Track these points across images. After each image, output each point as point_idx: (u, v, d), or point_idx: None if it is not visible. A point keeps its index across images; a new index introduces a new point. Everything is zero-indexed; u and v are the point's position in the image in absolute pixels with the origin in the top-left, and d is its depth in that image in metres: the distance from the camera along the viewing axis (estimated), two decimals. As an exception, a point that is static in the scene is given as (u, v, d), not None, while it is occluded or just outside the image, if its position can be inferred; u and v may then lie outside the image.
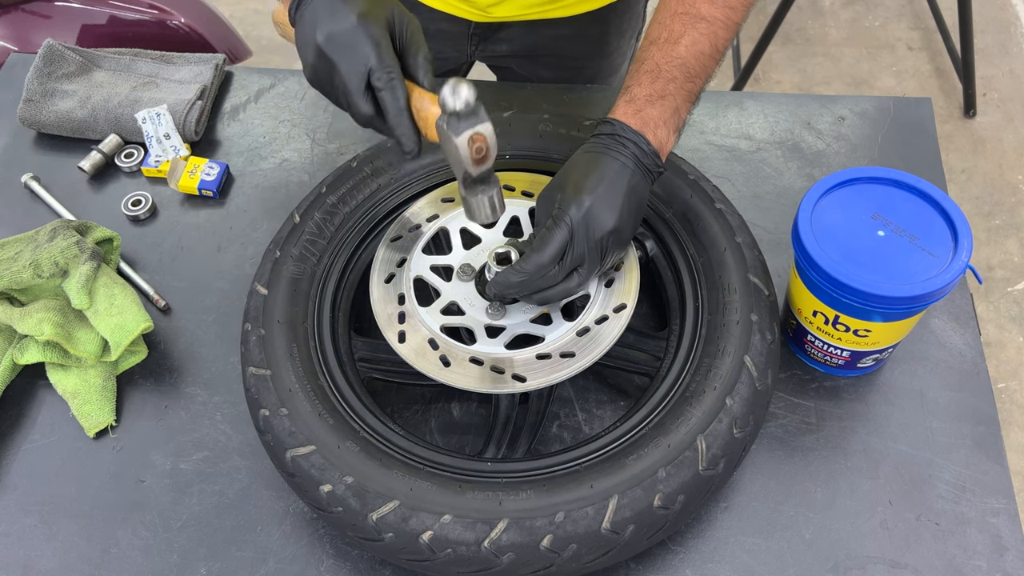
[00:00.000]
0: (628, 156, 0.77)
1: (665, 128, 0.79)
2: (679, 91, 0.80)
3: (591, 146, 0.79)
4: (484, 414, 0.89)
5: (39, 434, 0.89)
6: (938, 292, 0.76)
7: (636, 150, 0.77)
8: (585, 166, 0.78)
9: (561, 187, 0.77)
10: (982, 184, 2.39)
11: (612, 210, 0.75)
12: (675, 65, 0.80)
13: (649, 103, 0.79)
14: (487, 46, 1.26)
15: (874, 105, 1.14)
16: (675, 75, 0.80)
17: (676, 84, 0.80)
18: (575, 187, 0.76)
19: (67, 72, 1.17)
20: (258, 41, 2.83)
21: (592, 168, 0.77)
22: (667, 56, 0.81)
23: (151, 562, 0.81)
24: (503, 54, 1.27)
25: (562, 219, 0.75)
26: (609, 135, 0.78)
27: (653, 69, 0.81)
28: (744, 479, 0.84)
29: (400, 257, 0.86)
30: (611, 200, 0.75)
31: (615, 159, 0.77)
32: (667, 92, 0.80)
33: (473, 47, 1.26)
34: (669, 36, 0.82)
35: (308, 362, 0.80)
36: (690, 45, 0.81)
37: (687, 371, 0.79)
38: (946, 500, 0.82)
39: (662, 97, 0.79)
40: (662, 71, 0.80)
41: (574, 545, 0.69)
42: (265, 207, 1.07)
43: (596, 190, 0.75)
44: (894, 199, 0.81)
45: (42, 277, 0.90)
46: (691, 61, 0.81)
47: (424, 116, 0.71)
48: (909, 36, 2.78)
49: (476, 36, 1.24)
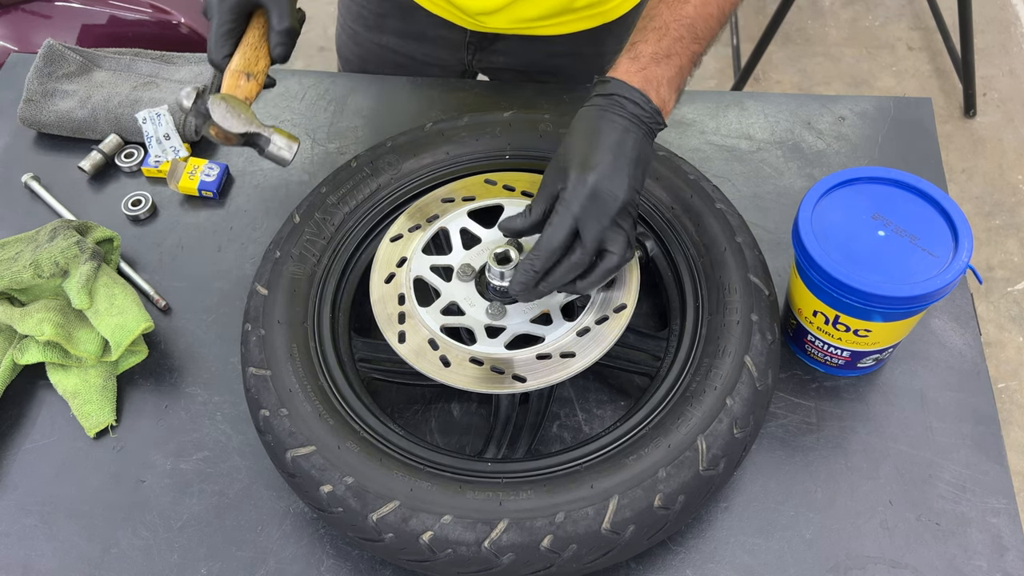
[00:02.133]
0: (628, 116, 0.76)
1: (668, 87, 0.79)
2: (685, 51, 0.80)
3: (589, 108, 0.78)
4: (484, 414, 0.89)
5: (39, 434, 0.89)
6: (938, 292, 0.76)
7: (636, 109, 0.76)
8: (586, 133, 0.76)
9: (565, 162, 0.76)
10: (982, 184, 2.39)
11: (620, 183, 0.74)
12: (683, 25, 0.80)
13: (655, 61, 0.78)
14: (484, 56, 1.26)
15: (874, 105, 1.14)
16: (682, 34, 0.80)
17: (683, 44, 0.80)
18: (579, 163, 0.74)
19: (67, 72, 1.17)
20: (258, 41, 2.83)
21: (593, 135, 0.76)
22: (676, 15, 0.80)
23: (151, 562, 0.81)
24: (500, 66, 1.27)
25: (565, 198, 0.74)
26: (607, 95, 0.77)
27: (661, 27, 0.80)
28: (744, 479, 0.84)
29: (400, 257, 0.86)
30: (617, 173, 0.74)
31: (614, 122, 0.76)
32: (673, 51, 0.79)
33: (470, 56, 1.26)
34: None
35: (308, 362, 0.80)
36: (699, 6, 0.81)
37: (687, 371, 0.79)
38: (946, 500, 0.82)
39: (668, 56, 0.79)
40: (670, 29, 0.80)
41: (574, 545, 0.69)
42: (265, 207, 1.07)
43: (600, 165, 0.74)
44: (894, 199, 0.81)
45: (42, 277, 0.90)
46: (699, 22, 0.81)
47: (226, 79, 0.85)
48: (909, 36, 2.78)
49: (472, 45, 1.24)
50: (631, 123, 0.76)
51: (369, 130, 1.14)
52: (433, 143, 0.95)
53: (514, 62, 1.26)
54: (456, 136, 0.95)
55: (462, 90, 1.17)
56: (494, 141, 0.95)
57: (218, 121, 0.81)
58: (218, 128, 0.82)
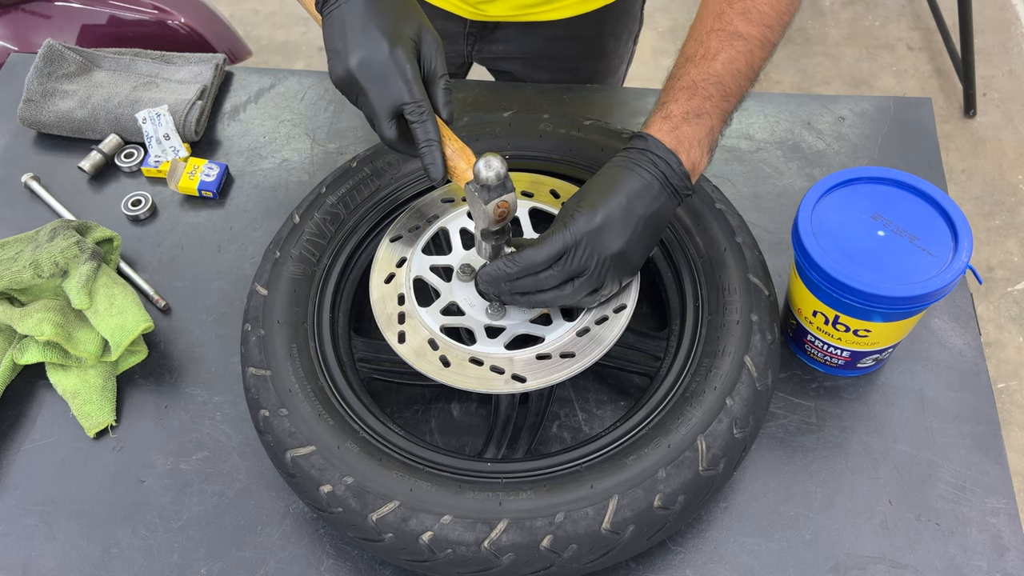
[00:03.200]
0: (655, 175, 0.75)
1: (699, 148, 0.77)
2: (715, 109, 0.78)
3: (621, 159, 0.77)
4: (484, 414, 0.89)
5: (39, 434, 0.89)
6: (938, 292, 0.76)
7: (666, 169, 0.75)
8: (609, 180, 0.76)
9: (581, 196, 0.76)
10: (982, 184, 2.39)
11: (623, 232, 0.74)
12: (712, 83, 0.78)
13: (685, 121, 0.77)
14: (484, 46, 1.26)
15: (874, 105, 1.14)
16: (711, 92, 0.78)
17: (712, 102, 0.78)
18: (591, 200, 0.74)
19: (67, 72, 1.17)
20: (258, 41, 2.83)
21: (615, 183, 0.75)
22: (704, 73, 0.79)
23: (151, 562, 0.81)
24: (499, 55, 1.27)
25: (568, 225, 0.74)
26: (640, 150, 0.76)
27: (690, 86, 0.78)
28: (744, 479, 0.84)
29: (400, 257, 0.86)
30: (625, 222, 0.74)
31: (641, 176, 0.75)
32: (704, 110, 0.77)
33: (470, 47, 1.26)
34: (706, 53, 0.80)
35: (308, 362, 0.80)
36: (727, 63, 0.79)
37: (687, 371, 0.79)
38: (946, 500, 0.82)
39: (698, 116, 0.77)
40: (699, 88, 0.78)
41: (574, 545, 0.69)
42: (265, 207, 1.07)
43: (611, 207, 0.73)
44: (894, 199, 0.81)
45: (42, 277, 0.90)
46: (727, 79, 0.79)
47: (452, 166, 0.76)
48: (909, 36, 2.78)
49: (472, 35, 1.24)
50: (657, 181, 0.75)
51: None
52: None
53: (514, 50, 1.25)
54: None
55: (462, 90, 1.17)
56: (494, 141, 0.95)
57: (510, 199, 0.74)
58: (508, 205, 0.74)
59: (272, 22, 2.89)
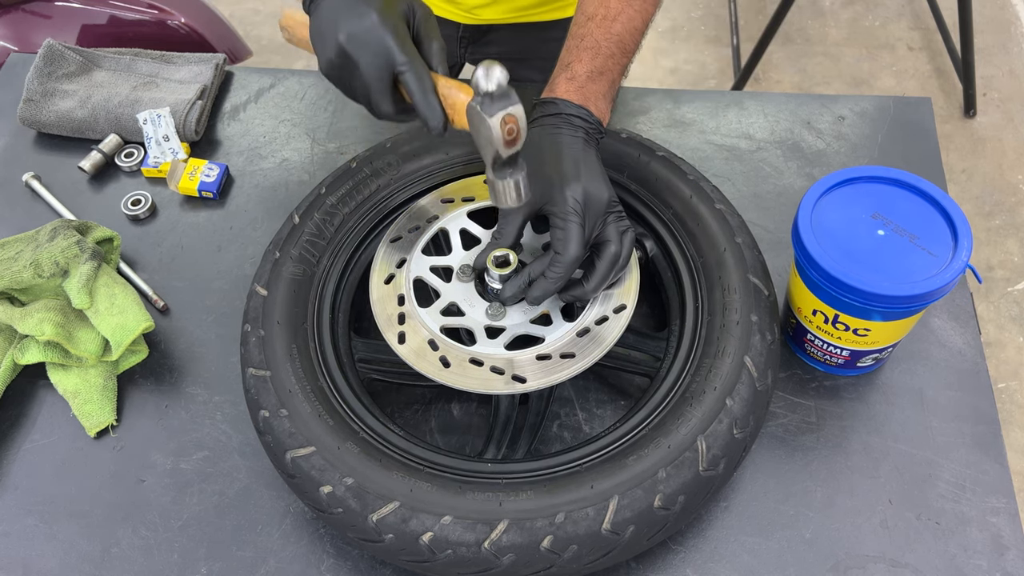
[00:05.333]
0: (581, 131, 0.81)
1: (604, 100, 0.84)
2: (616, 66, 0.86)
3: (543, 130, 0.81)
4: (484, 415, 0.89)
5: (39, 434, 0.89)
6: (938, 291, 0.76)
7: (584, 124, 0.81)
8: (555, 152, 0.80)
9: (548, 181, 0.78)
10: (982, 184, 2.39)
11: (603, 184, 0.79)
12: (613, 42, 0.86)
13: (590, 80, 0.84)
14: (476, 48, 1.26)
15: (874, 105, 1.14)
16: (613, 51, 0.85)
17: (614, 60, 0.85)
18: (562, 177, 0.78)
19: (67, 72, 1.17)
20: (258, 41, 2.83)
21: (562, 152, 0.79)
22: (606, 33, 0.86)
23: (151, 562, 0.81)
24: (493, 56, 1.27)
25: (569, 212, 0.76)
26: (555, 114, 0.82)
27: (593, 46, 0.85)
28: (744, 479, 0.84)
29: (400, 258, 0.86)
30: (596, 177, 0.79)
31: (575, 137, 0.80)
32: (606, 68, 0.85)
33: (463, 49, 1.26)
34: (607, 13, 0.87)
35: (308, 363, 0.80)
36: (626, 22, 0.87)
37: (687, 371, 0.79)
38: (946, 499, 0.82)
39: (601, 73, 0.84)
40: (601, 48, 0.85)
41: (574, 546, 0.69)
42: (265, 207, 1.07)
43: (580, 174, 0.78)
44: (894, 198, 0.81)
45: (42, 277, 0.90)
46: (627, 38, 0.87)
47: (451, 103, 0.72)
48: (909, 36, 2.78)
49: (465, 39, 1.24)
50: (584, 137, 0.81)
51: (369, 130, 1.14)
52: (433, 144, 0.95)
53: (507, 51, 1.26)
54: (456, 136, 0.95)
55: (462, 90, 1.17)
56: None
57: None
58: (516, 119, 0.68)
59: (272, 22, 2.89)
